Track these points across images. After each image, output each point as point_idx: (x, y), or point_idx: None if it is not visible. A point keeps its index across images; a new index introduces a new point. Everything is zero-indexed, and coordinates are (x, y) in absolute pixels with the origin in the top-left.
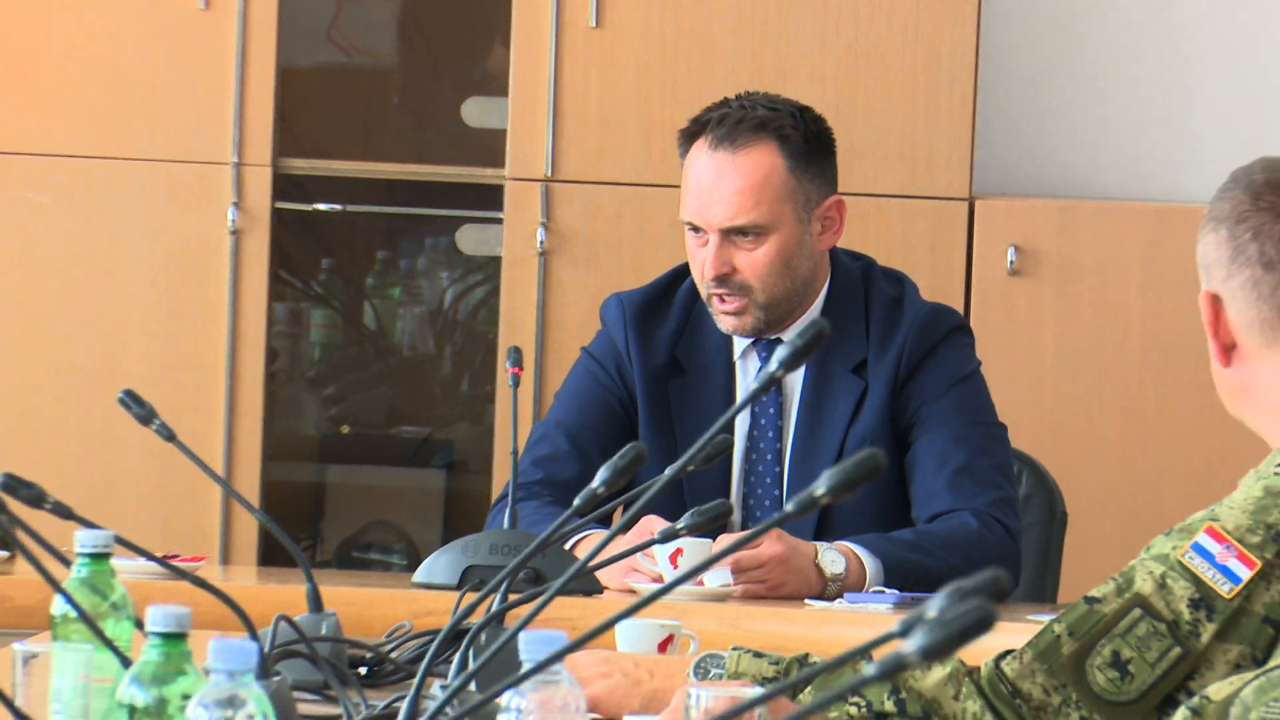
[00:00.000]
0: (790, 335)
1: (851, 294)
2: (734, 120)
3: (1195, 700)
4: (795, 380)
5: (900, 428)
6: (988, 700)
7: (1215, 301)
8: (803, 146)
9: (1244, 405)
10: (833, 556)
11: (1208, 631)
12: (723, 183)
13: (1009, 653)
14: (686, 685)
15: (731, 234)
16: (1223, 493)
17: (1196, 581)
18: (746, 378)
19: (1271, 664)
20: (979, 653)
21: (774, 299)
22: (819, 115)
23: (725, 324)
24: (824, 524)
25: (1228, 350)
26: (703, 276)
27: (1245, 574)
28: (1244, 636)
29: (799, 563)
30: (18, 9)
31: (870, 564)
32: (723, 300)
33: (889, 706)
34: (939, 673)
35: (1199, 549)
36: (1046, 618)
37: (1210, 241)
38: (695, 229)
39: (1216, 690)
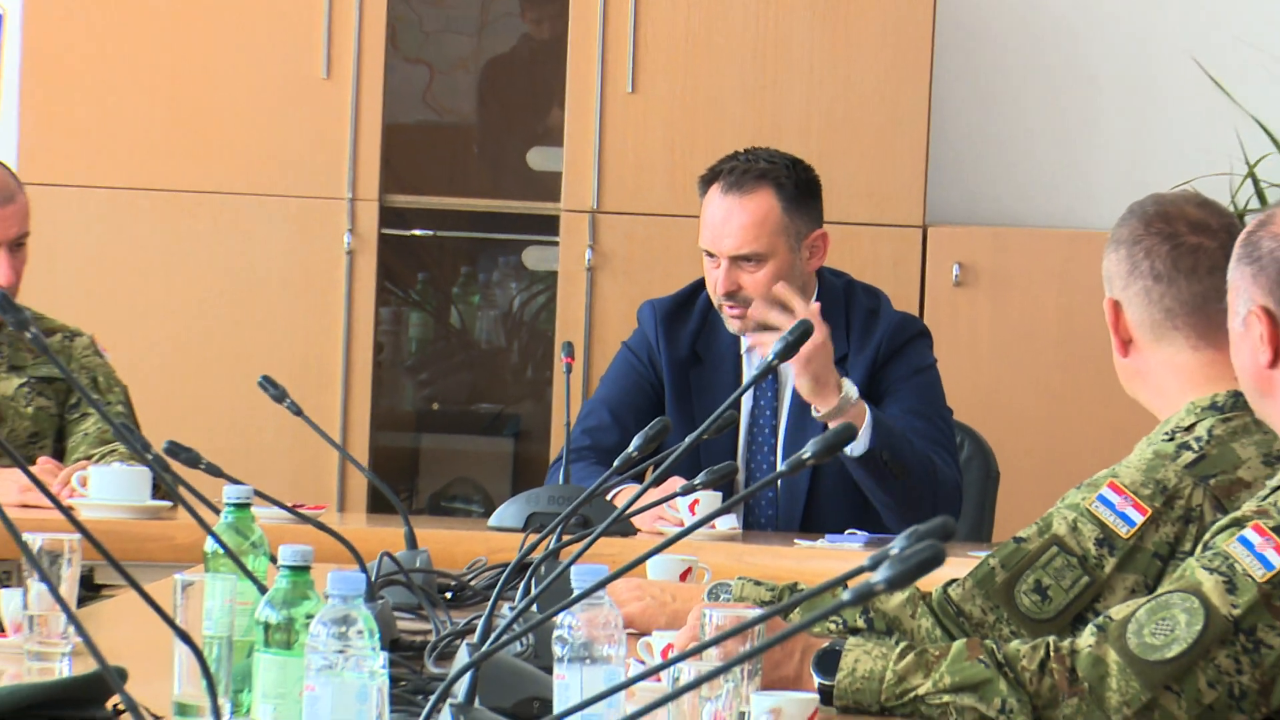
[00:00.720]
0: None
1: (834, 303)
2: (741, 170)
3: (1100, 619)
4: (789, 369)
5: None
6: (937, 618)
7: (1116, 306)
8: (794, 192)
9: (1138, 387)
10: (850, 387)
11: (1110, 564)
12: (731, 220)
13: (954, 581)
14: (702, 606)
15: (738, 260)
16: (1122, 455)
17: (1101, 525)
18: (750, 367)
19: (1160, 590)
20: (930, 581)
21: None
22: (808, 165)
23: (733, 326)
24: (814, 481)
25: (1126, 344)
26: (715, 291)
27: (1139, 519)
28: (1138, 568)
29: (830, 366)
30: (191, 82)
31: (869, 415)
32: (731, 308)
33: (860, 623)
34: (899, 597)
35: (1103, 499)
36: (983, 554)
37: (1112, 259)
38: (710, 254)
39: (1117, 611)
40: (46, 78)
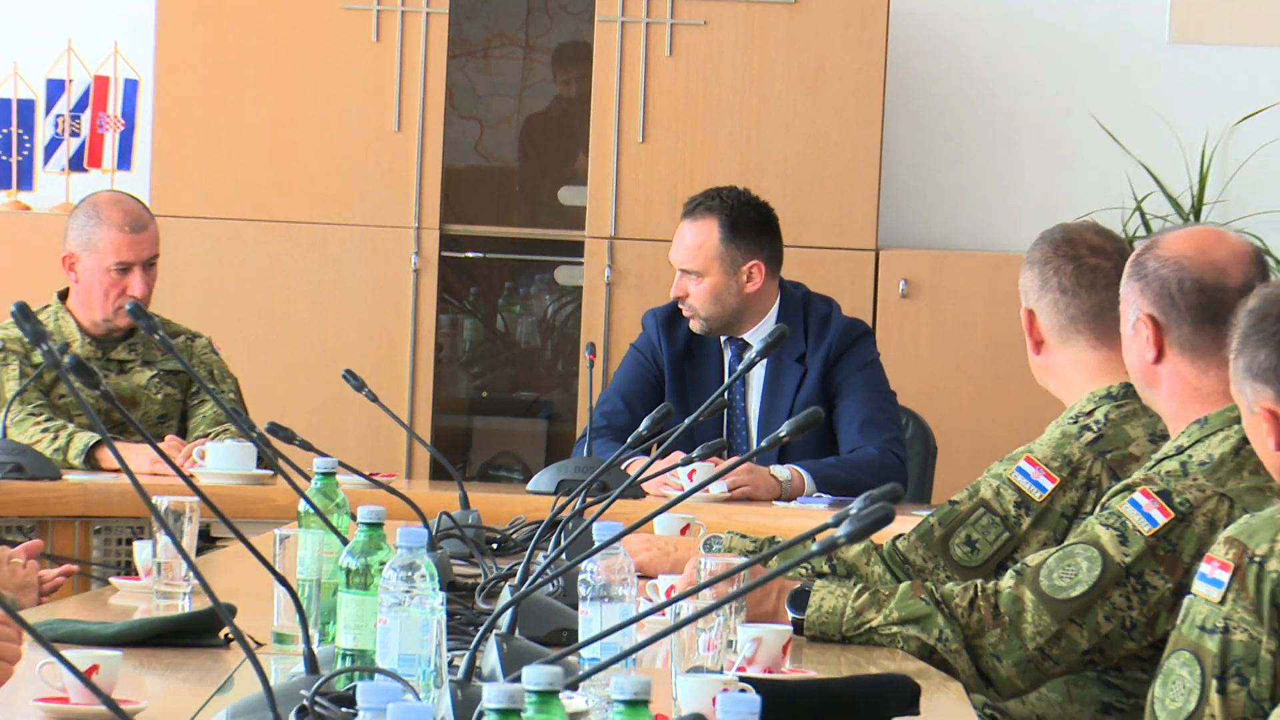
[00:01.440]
0: (754, 337)
1: (794, 310)
2: (697, 203)
3: (1018, 565)
4: (758, 371)
5: (828, 395)
6: (888, 565)
7: (1031, 314)
8: (733, 225)
9: (1049, 380)
10: (781, 470)
11: (1026, 523)
12: (681, 240)
13: (901, 535)
14: (698, 555)
15: (685, 272)
16: (1035, 435)
17: (1019, 491)
18: (730, 361)
19: (1066, 543)
20: (882, 535)
21: (709, 316)
22: (760, 206)
23: (693, 325)
24: (783, 457)
25: (1039, 345)
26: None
27: (1050, 486)
28: (1049, 526)
29: (763, 475)
30: (289, 133)
31: (807, 477)
32: (683, 309)
33: (825, 569)
34: (857, 548)
35: (1021, 470)
36: (925, 513)
37: (1027, 276)
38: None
39: (1031, 559)
40: (173, 129)
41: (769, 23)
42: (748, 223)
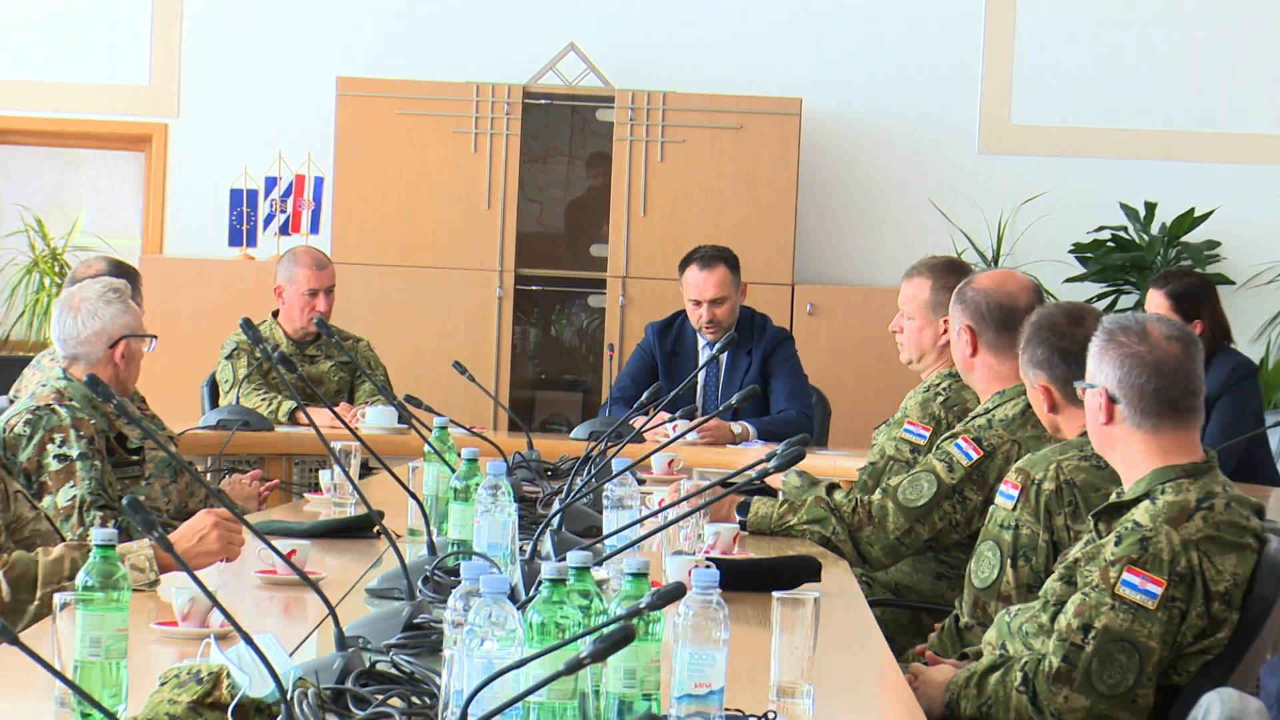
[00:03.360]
0: (723, 340)
1: (745, 322)
2: (709, 255)
3: (883, 484)
4: (722, 360)
5: (765, 376)
6: (832, 509)
7: (923, 312)
8: (732, 266)
9: (914, 363)
10: (735, 425)
11: (917, 459)
12: (709, 281)
13: (840, 489)
14: (681, 481)
15: (714, 301)
16: (894, 405)
17: (910, 443)
18: (702, 357)
19: (912, 470)
20: (817, 469)
21: (727, 327)
22: (735, 254)
23: (708, 335)
24: (735, 416)
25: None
26: (700, 320)
27: (927, 435)
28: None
29: (723, 427)
30: (419, 211)
31: (751, 429)
32: (710, 329)
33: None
34: (813, 493)
35: (908, 430)
36: (826, 452)
37: (906, 290)
38: (696, 301)
39: (892, 481)
40: (345, 208)
41: (723, 141)
42: (737, 263)
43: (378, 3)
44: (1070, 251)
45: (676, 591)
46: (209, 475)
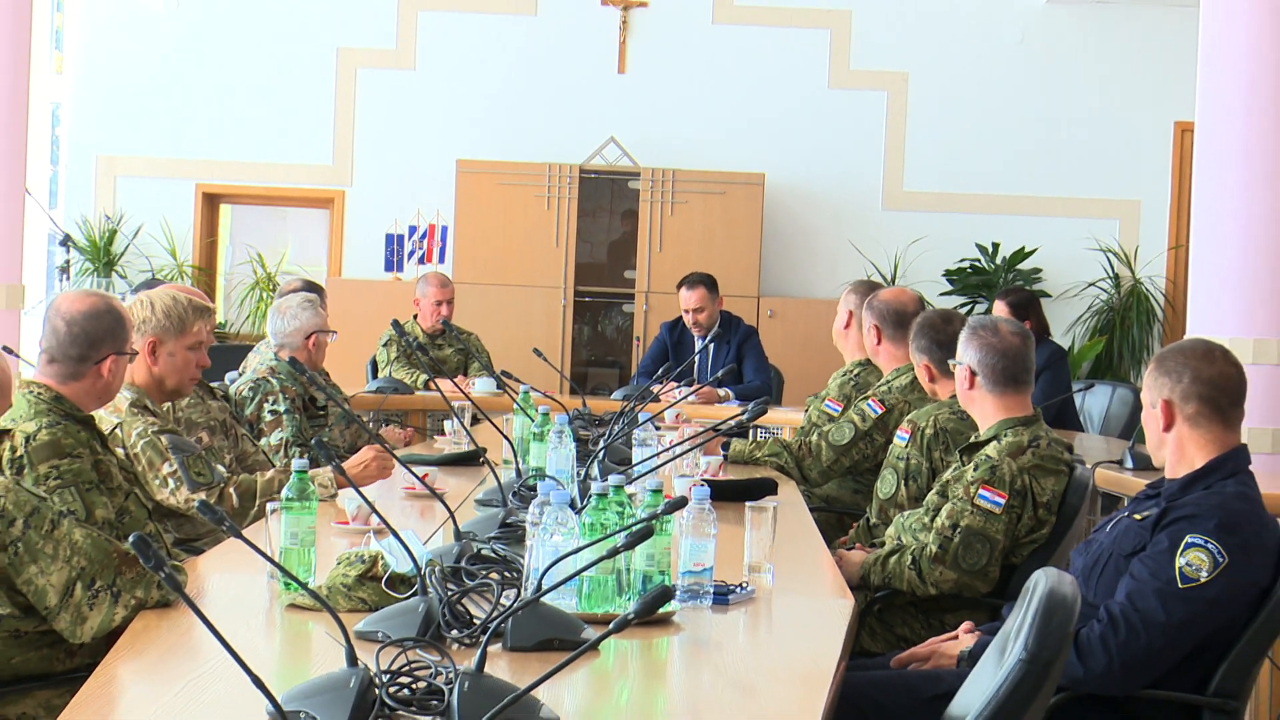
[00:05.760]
0: (709, 334)
1: (725, 322)
2: (694, 280)
3: (820, 429)
4: (711, 345)
5: (739, 359)
6: (785, 446)
7: (851, 315)
8: (710, 286)
9: (845, 353)
10: (720, 390)
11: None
12: (691, 297)
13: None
14: (684, 428)
15: (695, 310)
16: (824, 382)
17: (828, 415)
18: (698, 349)
19: (839, 420)
20: (775, 420)
21: (709, 326)
22: (714, 277)
23: (697, 332)
24: (719, 385)
25: (847, 329)
26: (688, 321)
27: (839, 410)
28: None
29: (711, 393)
30: (514, 253)
31: (731, 393)
32: (695, 327)
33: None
34: (772, 446)
35: (828, 405)
36: (783, 409)
37: (849, 300)
38: (687, 310)
39: (826, 428)
40: (463, 246)
41: (712, 201)
42: (714, 283)
43: (483, 110)
44: (943, 275)
45: (680, 502)
46: (371, 424)
